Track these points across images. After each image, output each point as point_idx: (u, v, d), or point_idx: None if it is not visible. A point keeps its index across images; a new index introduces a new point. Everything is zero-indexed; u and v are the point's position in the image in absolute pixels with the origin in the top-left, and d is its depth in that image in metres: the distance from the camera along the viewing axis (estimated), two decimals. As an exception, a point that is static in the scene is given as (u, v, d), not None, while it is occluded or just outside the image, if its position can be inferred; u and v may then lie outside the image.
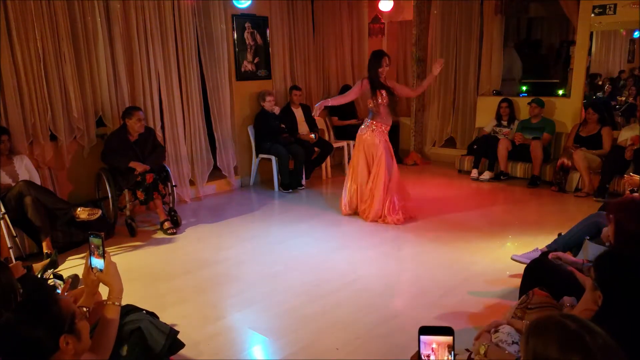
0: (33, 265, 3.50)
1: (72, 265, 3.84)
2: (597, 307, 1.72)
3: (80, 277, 3.27)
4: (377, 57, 4.67)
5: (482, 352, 1.80)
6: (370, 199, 4.80)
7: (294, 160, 6.08)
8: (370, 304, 3.28)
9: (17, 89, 4.29)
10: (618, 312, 1.60)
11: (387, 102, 4.68)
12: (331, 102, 4.87)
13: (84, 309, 1.68)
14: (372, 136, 4.72)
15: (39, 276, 3.34)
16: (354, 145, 5.03)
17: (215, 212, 5.31)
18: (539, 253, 3.50)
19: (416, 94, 5.72)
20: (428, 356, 1.18)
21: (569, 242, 3.26)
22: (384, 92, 4.65)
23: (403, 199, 4.89)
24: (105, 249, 1.83)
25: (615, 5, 5.81)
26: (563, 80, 6.93)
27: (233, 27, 5.97)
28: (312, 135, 6.41)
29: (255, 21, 6.19)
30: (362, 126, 4.85)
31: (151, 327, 2.02)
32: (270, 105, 6.10)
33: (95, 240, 1.82)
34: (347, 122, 7.16)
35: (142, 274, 3.73)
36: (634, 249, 2.01)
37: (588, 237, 3.02)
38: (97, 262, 1.82)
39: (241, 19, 6.04)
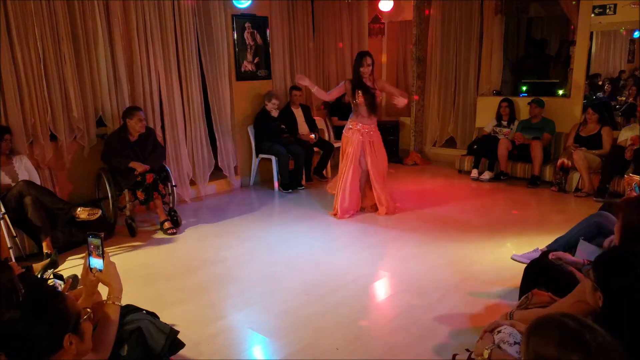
0: (33, 265, 3.51)
1: (72, 265, 3.84)
2: (595, 307, 1.72)
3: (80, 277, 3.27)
4: (359, 57, 4.77)
5: (485, 355, 1.79)
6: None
7: (294, 160, 6.08)
8: (370, 304, 3.29)
9: (17, 89, 4.28)
10: (619, 312, 1.60)
11: (365, 102, 4.73)
12: (315, 90, 4.92)
13: (88, 310, 1.69)
14: (347, 135, 4.90)
15: (39, 276, 3.34)
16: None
17: (215, 212, 5.31)
18: (539, 253, 3.50)
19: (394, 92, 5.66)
20: None
21: (569, 242, 3.26)
22: (360, 92, 4.72)
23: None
24: (104, 249, 1.83)
25: (615, 5, 5.81)
26: (563, 80, 6.93)
27: (233, 27, 5.97)
28: (312, 136, 6.41)
29: (255, 21, 6.19)
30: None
31: (151, 327, 2.02)
32: (273, 107, 6.10)
33: (94, 241, 1.82)
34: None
35: (142, 274, 3.73)
36: (636, 247, 2.01)
37: (582, 237, 3.02)
38: (96, 262, 1.82)
39: (241, 19, 6.04)
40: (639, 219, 2.15)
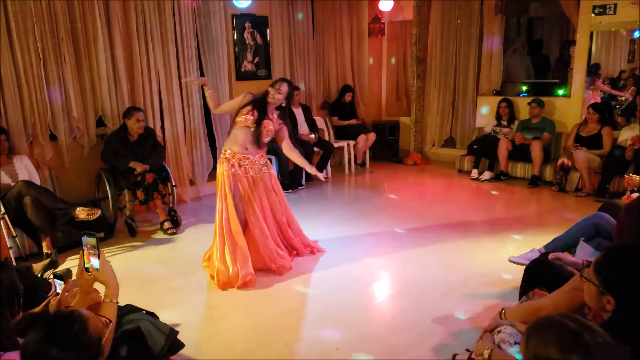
0: (33, 265, 3.50)
1: (72, 265, 3.83)
2: (598, 310, 1.71)
3: (73, 272, 3.27)
4: (275, 81, 3.76)
5: (485, 355, 1.79)
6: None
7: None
8: (370, 304, 3.29)
9: (17, 89, 4.28)
10: (635, 314, 1.55)
11: (255, 126, 3.62)
12: (211, 99, 3.78)
13: (104, 320, 1.68)
14: (219, 166, 3.72)
15: (39, 276, 3.34)
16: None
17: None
18: (536, 253, 3.50)
19: (288, 153, 3.98)
20: None
21: (567, 243, 3.26)
22: (254, 114, 3.62)
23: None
24: (100, 249, 1.84)
25: (615, 5, 5.81)
26: (563, 80, 6.94)
27: (233, 27, 5.97)
28: (312, 136, 6.41)
29: (255, 21, 6.19)
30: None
31: (151, 328, 2.02)
32: (271, 104, 6.09)
33: (90, 240, 1.83)
34: (347, 122, 7.17)
35: (141, 274, 3.73)
36: (636, 245, 2.01)
37: (583, 238, 3.02)
38: (93, 262, 1.83)
39: (241, 19, 6.05)
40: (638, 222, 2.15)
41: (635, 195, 3.32)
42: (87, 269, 1.85)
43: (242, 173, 3.64)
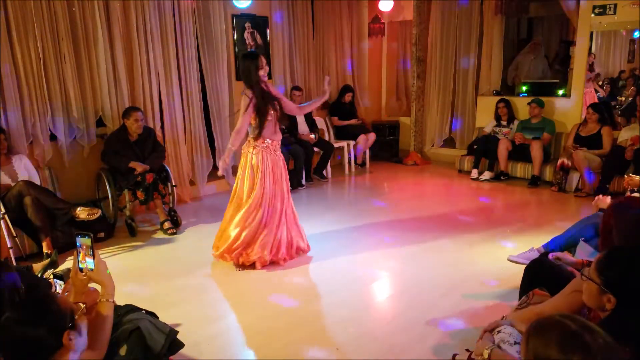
0: (33, 265, 3.51)
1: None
2: (597, 309, 1.71)
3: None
4: (252, 58, 3.63)
5: (485, 355, 1.79)
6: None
7: (293, 160, 6.08)
8: (370, 304, 3.29)
9: (17, 89, 4.28)
10: (636, 312, 1.55)
11: (277, 114, 3.75)
12: (230, 151, 3.91)
13: (81, 305, 1.70)
14: (252, 152, 3.81)
15: (39, 276, 3.34)
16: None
17: (215, 212, 5.29)
18: (535, 252, 3.50)
19: (302, 113, 4.40)
20: None
21: (567, 243, 3.26)
22: (272, 104, 3.67)
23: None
24: (95, 249, 1.84)
25: (615, 5, 5.82)
26: (563, 80, 6.95)
27: (233, 27, 5.98)
28: (312, 136, 6.41)
29: (255, 21, 6.19)
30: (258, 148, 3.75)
31: (151, 327, 2.02)
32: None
33: (84, 241, 1.83)
34: (347, 122, 7.18)
35: (142, 274, 3.73)
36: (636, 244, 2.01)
37: (583, 238, 3.03)
38: (87, 262, 1.84)
39: (241, 19, 6.05)
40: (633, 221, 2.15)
41: (635, 195, 3.33)
42: (81, 270, 1.85)
43: (278, 158, 3.83)
